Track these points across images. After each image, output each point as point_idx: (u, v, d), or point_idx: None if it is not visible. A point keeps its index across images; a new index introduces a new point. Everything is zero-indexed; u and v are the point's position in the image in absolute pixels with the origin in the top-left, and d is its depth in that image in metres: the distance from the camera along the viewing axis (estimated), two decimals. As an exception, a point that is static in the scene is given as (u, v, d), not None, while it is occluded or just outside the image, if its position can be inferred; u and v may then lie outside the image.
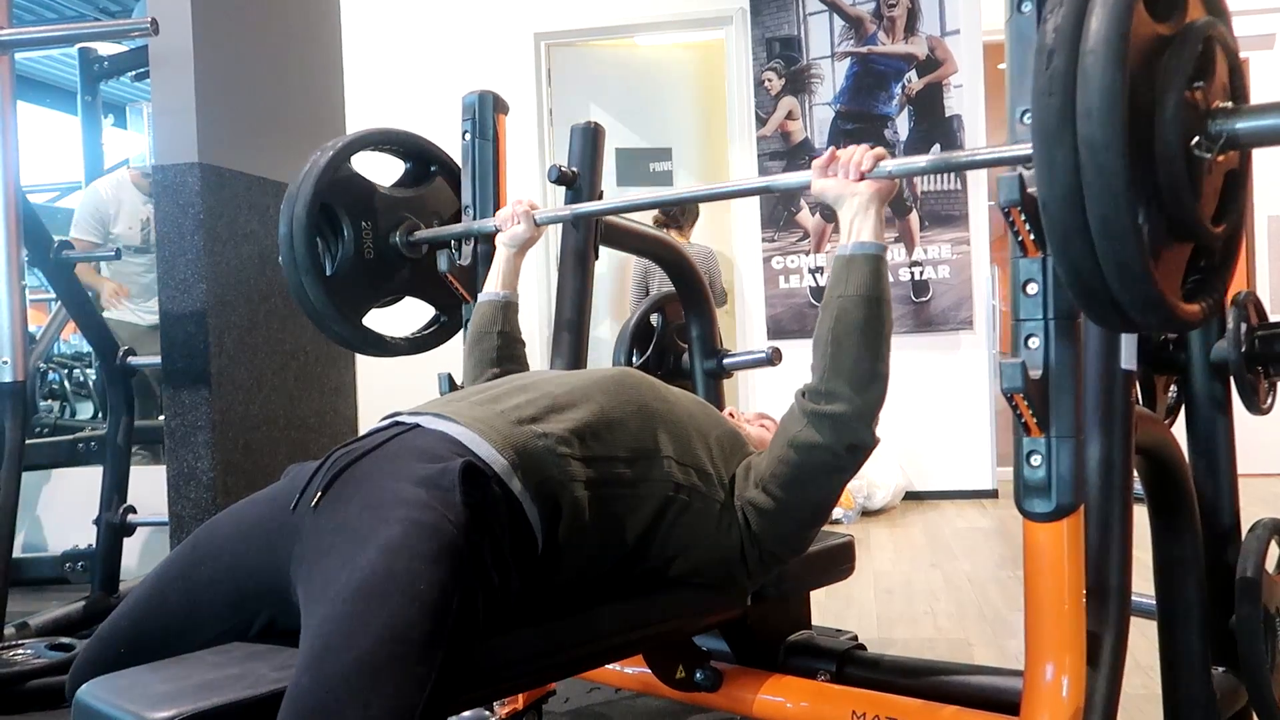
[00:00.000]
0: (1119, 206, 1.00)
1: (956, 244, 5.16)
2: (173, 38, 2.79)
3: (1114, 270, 1.04)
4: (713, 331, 2.61)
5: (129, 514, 3.25)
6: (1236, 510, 1.82)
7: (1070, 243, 1.05)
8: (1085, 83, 1.00)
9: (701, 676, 1.77)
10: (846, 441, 1.46)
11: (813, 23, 5.25)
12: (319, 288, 2.03)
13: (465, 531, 1.22)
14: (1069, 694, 1.34)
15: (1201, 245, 1.17)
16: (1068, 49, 1.01)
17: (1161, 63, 1.06)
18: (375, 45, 5.45)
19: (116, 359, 3.27)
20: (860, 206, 1.51)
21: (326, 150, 2.06)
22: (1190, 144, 1.05)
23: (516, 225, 1.98)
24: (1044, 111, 1.03)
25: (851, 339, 1.45)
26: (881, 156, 1.53)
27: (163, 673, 1.21)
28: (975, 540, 4.28)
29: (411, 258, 2.18)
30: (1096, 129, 0.99)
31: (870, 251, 1.49)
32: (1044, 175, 1.04)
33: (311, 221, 2.00)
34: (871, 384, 1.46)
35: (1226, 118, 1.08)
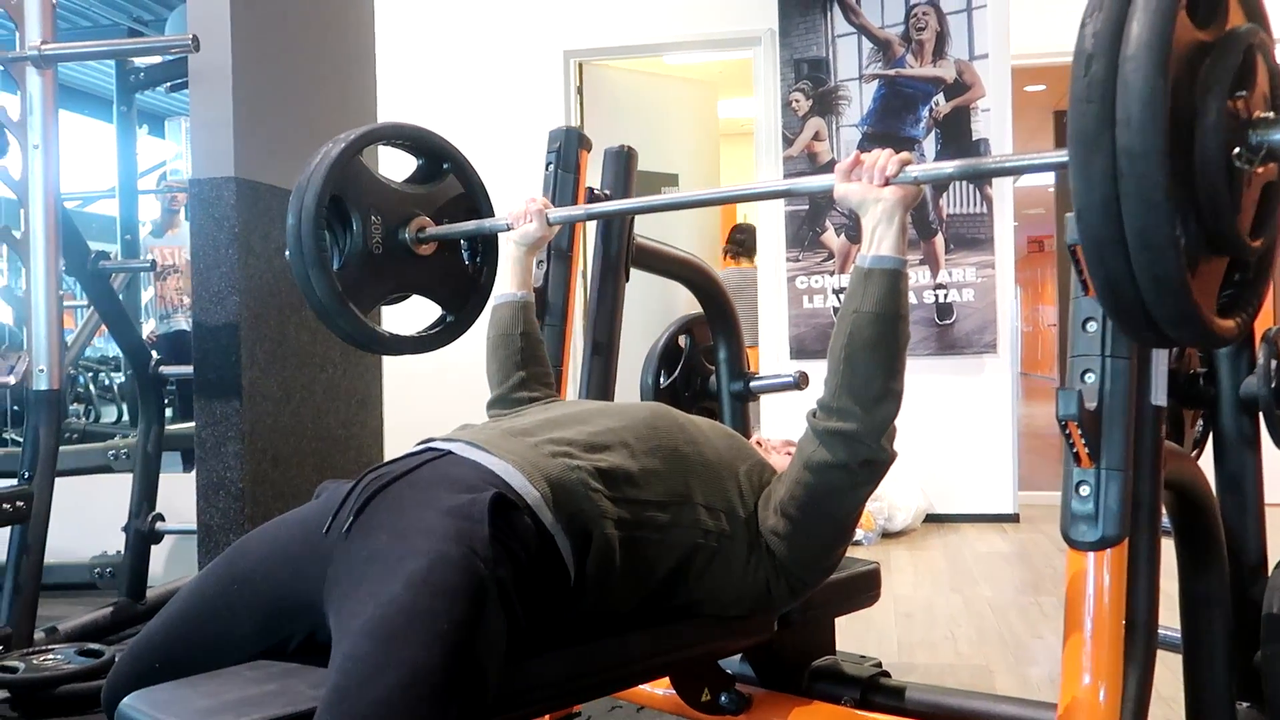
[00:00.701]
0: (1157, 217, 0.98)
1: (981, 267, 5.16)
2: (213, 54, 2.83)
3: (1150, 283, 1.02)
4: (740, 354, 2.63)
5: (158, 521, 3.30)
6: (1264, 546, 1.82)
7: (1106, 253, 1.03)
8: (1125, 89, 0.98)
9: (726, 700, 1.78)
10: (860, 458, 1.44)
11: (841, 44, 5.27)
12: (325, 281, 1.99)
13: (492, 566, 1.23)
14: (1104, 715, 1.35)
15: (1238, 259, 1.15)
16: (1107, 55, 0.99)
17: (1202, 70, 1.04)
18: (408, 61, 5.50)
19: (149, 368, 3.32)
20: (884, 214, 1.46)
21: (338, 142, 2.04)
22: (1231, 154, 1.04)
23: (528, 223, 1.95)
24: (1082, 118, 1.01)
25: (863, 356, 1.43)
26: (907, 161, 1.48)
27: (202, 688, 1.23)
28: (996, 564, 4.27)
29: (421, 255, 2.15)
30: (1136, 137, 0.97)
31: (889, 266, 1.45)
32: (1080, 184, 1.02)
33: (320, 213, 1.97)
34: (883, 401, 1.44)
35: (1268, 128, 1.06)
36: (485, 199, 2.24)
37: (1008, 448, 5.19)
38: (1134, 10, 0.99)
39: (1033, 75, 6.74)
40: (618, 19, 5.54)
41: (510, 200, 2.01)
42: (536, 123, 5.41)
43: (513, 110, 5.56)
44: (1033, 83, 7.27)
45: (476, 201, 2.23)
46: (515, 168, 5.39)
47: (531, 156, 5.10)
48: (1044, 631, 3.23)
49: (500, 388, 1.89)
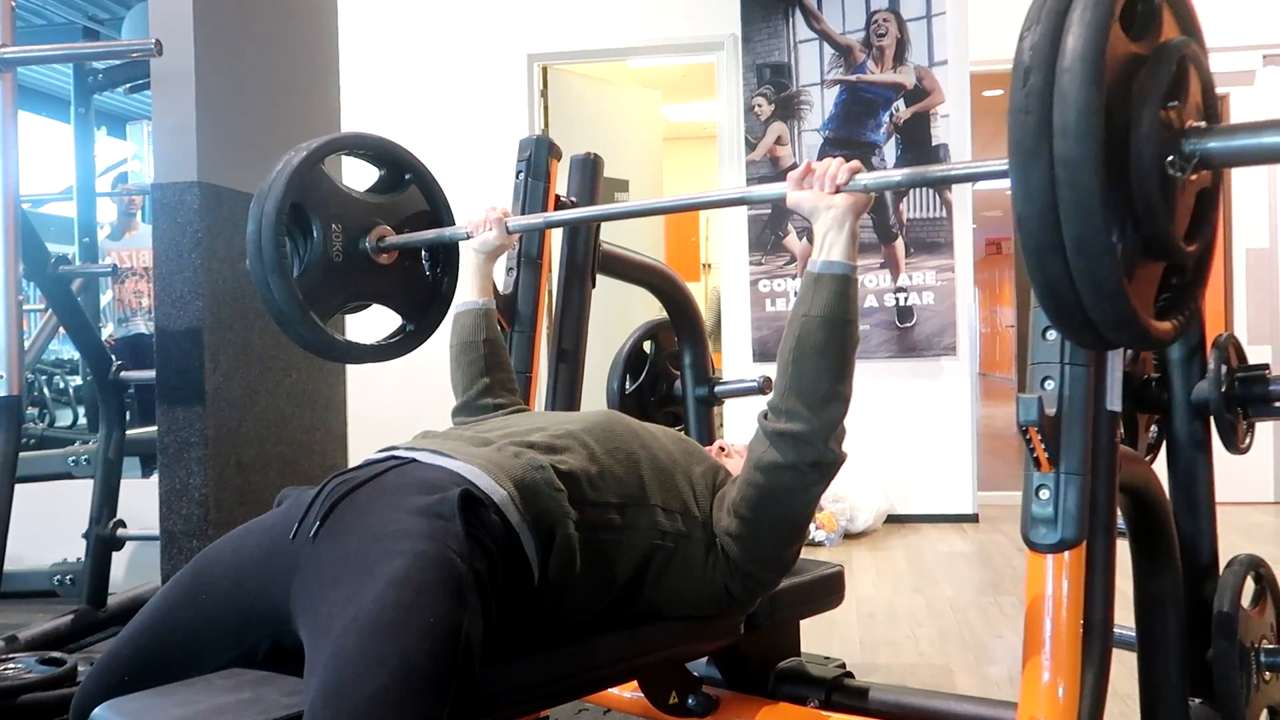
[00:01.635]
0: (1094, 224, 1.01)
1: (941, 270, 5.23)
2: (175, 58, 2.81)
3: (1088, 287, 1.05)
4: (705, 359, 2.66)
5: (119, 528, 3.26)
6: (1215, 546, 1.87)
7: (1045, 260, 1.05)
8: (1061, 100, 1.01)
9: (694, 702, 1.81)
10: (809, 459, 1.47)
11: (803, 50, 5.32)
12: (284, 288, 1.99)
13: (468, 560, 1.25)
14: (1063, 715, 1.38)
15: (1174, 264, 1.18)
16: (1045, 68, 1.02)
17: (1136, 81, 1.06)
18: (373, 66, 5.49)
19: (110, 373, 3.29)
20: (835, 220, 1.50)
21: (300, 150, 2.04)
22: (1165, 162, 1.06)
23: (488, 231, 1.96)
24: (1020, 129, 1.04)
25: (811, 360, 1.46)
26: (857, 170, 1.51)
27: (175, 696, 1.24)
28: (956, 565, 4.33)
29: (381, 264, 2.15)
30: (1072, 146, 1.00)
31: (838, 271, 1.49)
32: (1020, 192, 1.05)
33: (281, 220, 1.97)
34: (830, 403, 1.47)
35: (1200, 137, 1.09)
36: (446, 210, 2.24)
37: (967, 449, 5.26)
38: (1069, 25, 1.02)
39: (991, 81, 6.81)
40: (581, 23, 5.56)
41: (472, 207, 2.02)
42: (500, 127, 5.43)
43: (477, 114, 5.56)
44: (991, 88, 7.35)
45: (438, 212, 2.23)
46: (480, 170, 5.40)
47: (496, 159, 5.12)
48: (1003, 631, 3.28)
49: (465, 395, 1.90)
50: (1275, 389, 1.77)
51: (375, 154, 2.21)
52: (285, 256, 1.99)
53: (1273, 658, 1.80)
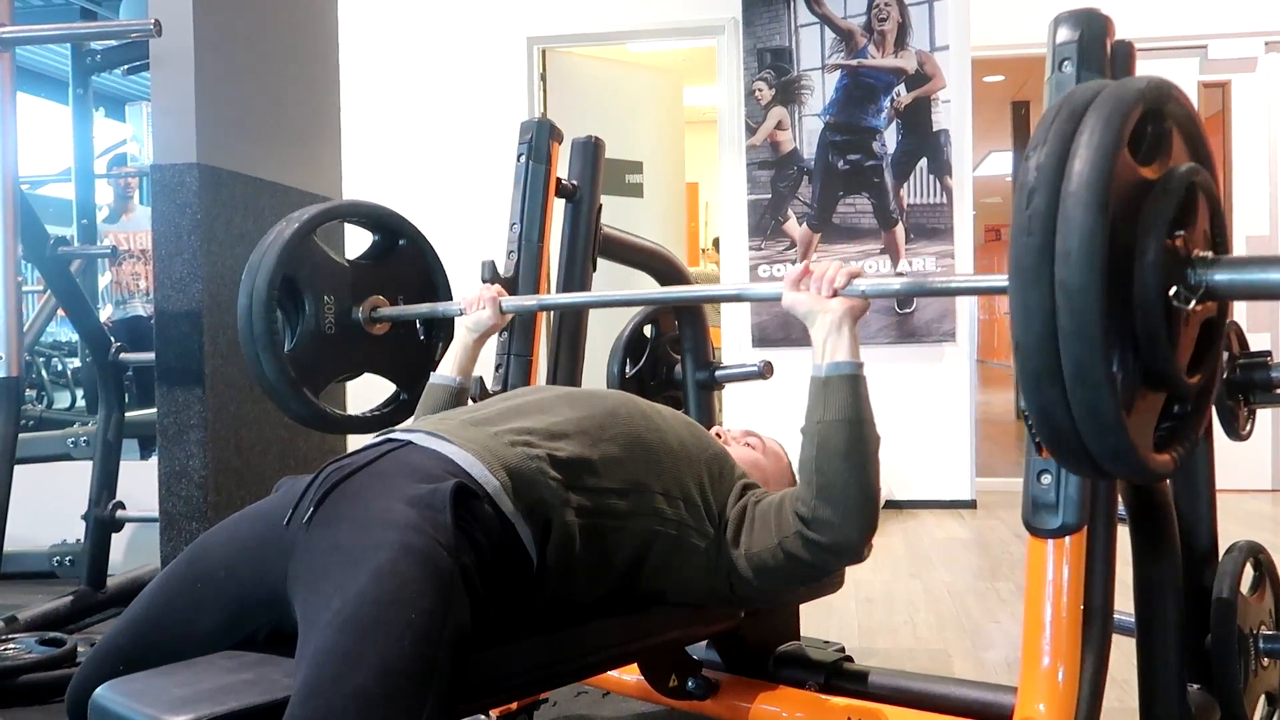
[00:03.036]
0: (1094, 353, 0.98)
1: (941, 256, 5.22)
2: (174, 39, 2.80)
3: (1086, 418, 1.02)
4: (705, 344, 2.66)
5: (118, 509, 3.27)
6: (1214, 533, 1.88)
7: (1042, 386, 1.02)
8: (1065, 225, 0.98)
9: (694, 685, 1.81)
10: (833, 565, 1.51)
11: (804, 34, 5.30)
12: (275, 364, 1.98)
13: (455, 554, 1.24)
14: (1062, 700, 1.39)
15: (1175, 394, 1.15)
16: (1049, 189, 0.99)
17: (1143, 208, 1.04)
18: (370, 48, 5.46)
19: (109, 355, 3.28)
20: (833, 325, 1.49)
21: (291, 222, 2.02)
22: (1169, 293, 1.03)
23: (481, 310, 1.95)
24: (1022, 251, 1.01)
25: (835, 466, 1.44)
26: (855, 274, 1.50)
27: (177, 676, 1.24)
28: (954, 550, 4.33)
29: (374, 334, 2.15)
30: (1074, 272, 0.97)
31: (846, 372, 1.47)
32: (1019, 316, 1.02)
33: (271, 295, 1.96)
34: (862, 511, 1.45)
35: (1207, 268, 1.06)
36: (441, 274, 2.23)
37: (966, 435, 5.27)
38: (1076, 147, 1.00)
39: (992, 66, 6.81)
40: (582, 6, 5.53)
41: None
42: (500, 109, 5.41)
43: (476, 96, 5.54)
44: (992, 73, 7.34)
45: (432, 276, 2.22)
46: (479, 153, 5.39)
47: (494, 142, 5.11)
48: (1001, 616, 3.29)
49: None
50: (1276, 375, 1.77)
51: (369, 220, 2.20)
52: (276, 331, 1.98)
53: (1271, 644, 1.81)
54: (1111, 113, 1.00)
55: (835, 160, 5.28)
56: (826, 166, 5.29)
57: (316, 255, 2.07)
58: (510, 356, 2.15)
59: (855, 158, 5.27)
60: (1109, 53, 1.45)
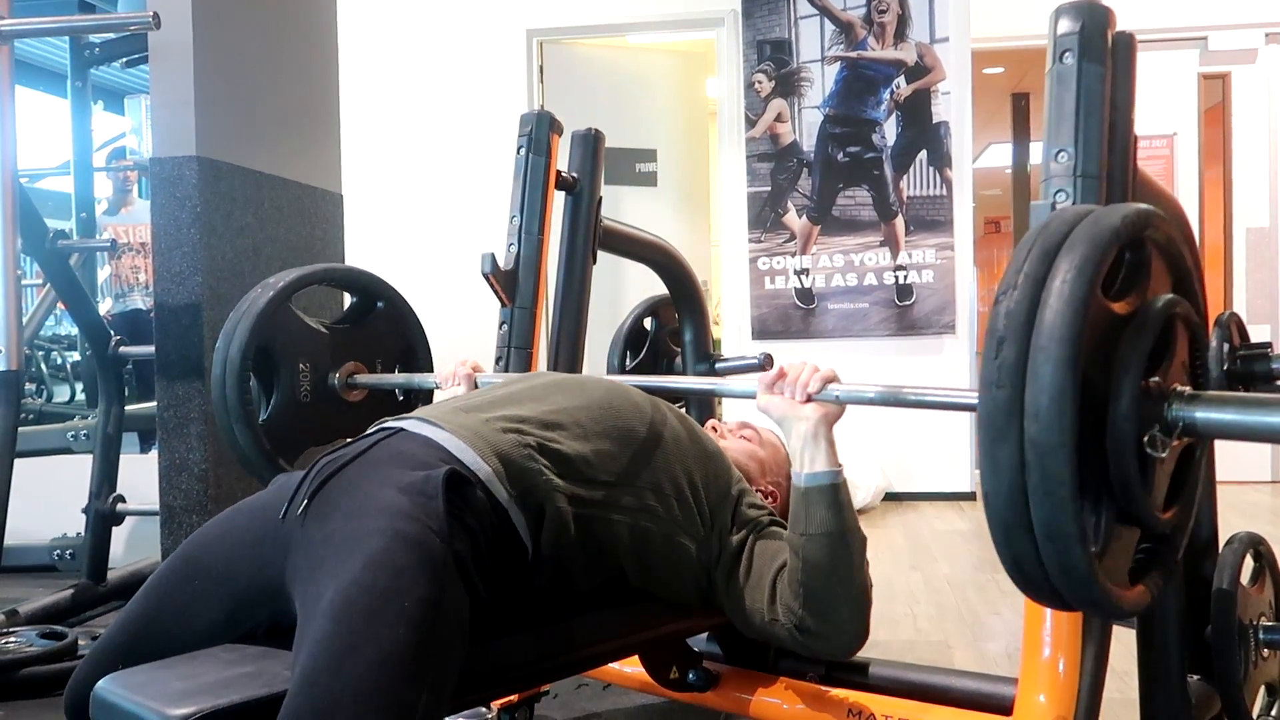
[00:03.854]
0: (1064, 512, 0.95)
1: (940, 249, 5.22)
2: (173, 31, 2.80)
3: (1057, 570, 0.99)
4: (705, 336, 2.66)
5: (118, 503, 3.27)
6: (1215, 524, 1.88)
7: (1013, 539, 1.00)
8: (1035, 380, 0.95)
9: (695, 677, 1.82)
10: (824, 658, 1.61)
11: (804, 26, 5.29)
12: (249, 435, 1.96)
13: (449, 540, 1.24)
14: (1063, 691, 1.39)
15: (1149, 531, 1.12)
16: (1019, 339, 0.96)
17: (1119, 346, 1.00)
18: (369, 41, 5.46)
19: (109, 348, 3.28)
20: (808, 434, 1.47)
21: (267, 289, 1.99)
22: (1144, 441, 1.00)
23: (456, 386, 1.93)
24: (991, 405, 0.98)
25: (821, 581, 1.45)
26: (830, 379, 1.48)
27: (178, 669, 1.24)
28: (954, 542, 4.34)
29: (351, 400, 2.13)
30: (1044, 431, 0.94)
31: (824, 482, 1.46)
32: (988, 469, 1.00)
33: (246, 365, 1.94)
34: (852, 621, 1.47)
35: (1184, 404, 1.02)
36: (420, 336, 2.22)
37: (965, 427, 5.26)
38: (1048, 295, 0.96)
39: (992, 58, 6.78)
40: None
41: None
42: (500, 102, 5.40)
43: (475, 89, 5.54)
44: (992, 65, 7.33)
45: (411, 338, 2.21)
46: (478, 146, 5.38)
47: (494, 135, 5.10)
48: (1001, 608, 3.30)
49: None
50: (1277, 367, 1.77)
51: (345, 284, 2.19)
52: (250, 403, 1.96)
53: (1271, 635, 1.81)
54: (1086, 257, 0.97)
55: (835, 152, 5.28)
56: (826, 159, 5.28)
57: (292, 323, 2.05)
58: (510, 349, 2.15)
59: (855, 150, 5.26)
60: (1109, 44, 1.44)
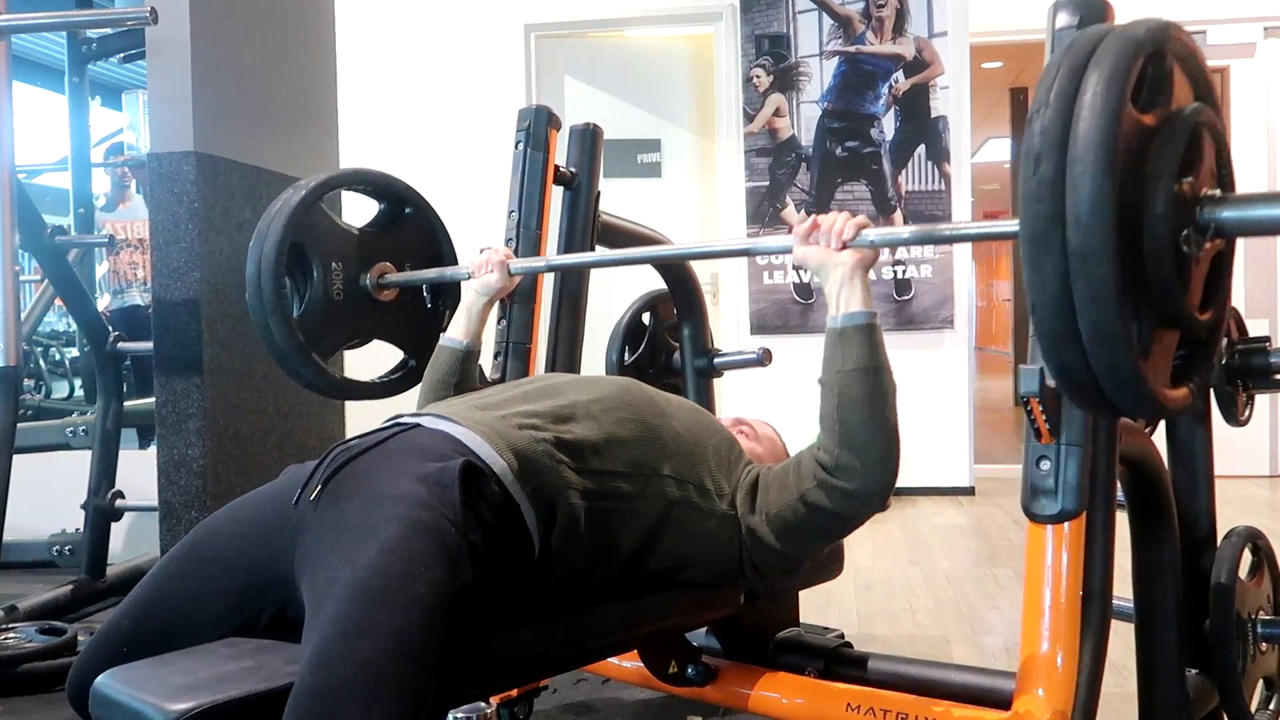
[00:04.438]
0: (1109, 314, 1.00)
1: (939, 244, 5.21)
2: (171, 26, 2.79)
3: (1105, 373, 1.03)
4: (704, 331, 2.65)
5: (117, 499, 3.27)
6: (1213, 518, 1.88)
7: (1061, 348, 1.04)
8: (1074, 191, 0.99)
9: (693, 672, 1.82)
10: (859, 515, 1.49)
11: (802, 21, 5.28)
12: (284, 329, 1.99)
13: (464, 530, 1.25)
14: (1061, 685, 1.40)
15: (1188, 333, 1.16)
16: (1055, 154, 1.00)
17: (1150, 156, 1.04)
18: (367, 36, 5.45)
19: (107, 344, 3.28)
20: (844, 278, 1.50)
21: (299, 189, 2.02)
22: (1179, 241, 1.04)
23: (489, 274, 1.95)
24: (1033, 217, 1.02)
25: (858, 415, 1.45)
26: (864, 226, 1.51)
27: (178, 664, 1.24)
28: (953, 537, 4.34)
29: (382, 300, 2.15)
30: (1085, 238, 0.98)
31: (861, 322, 1.48)
32: (1033, 282, 1.04)
33: (280, 261, 1.96)
34: (886, 458, 1.47)
35: (1214, 206, 1.07)
36: (447, 242, 2.24)
37: (964, 422, 5.27)
38: (1080, 109, 1.00)
39: (990, 52, 6.79)
40: (579, -8, 5.52)
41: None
42: (497, 96, 5.39)
43: (473, 84, 5.53)
44: (990, 59, 7.33)
45: (438, 245, 2.23)
46: (477, 140, 5.38)
47: (492, 130, 5.09)
48: (999, 602, 3.30)
49: None
50: (1275, 361, 1.77)
51: (374, 189, 2.20)
52: (285, 298, 1.99)
53: (1269, 628, 1.82)
54: (1114, 69, 1.00)
55: (833, 147, 5.27)
56: (824, 153, 5.28)
57: (324, 222, 2.07)
58: (509, 344, 2.15)
59: (853, 144, 5.26)
60: (1108, 37, 1.44)
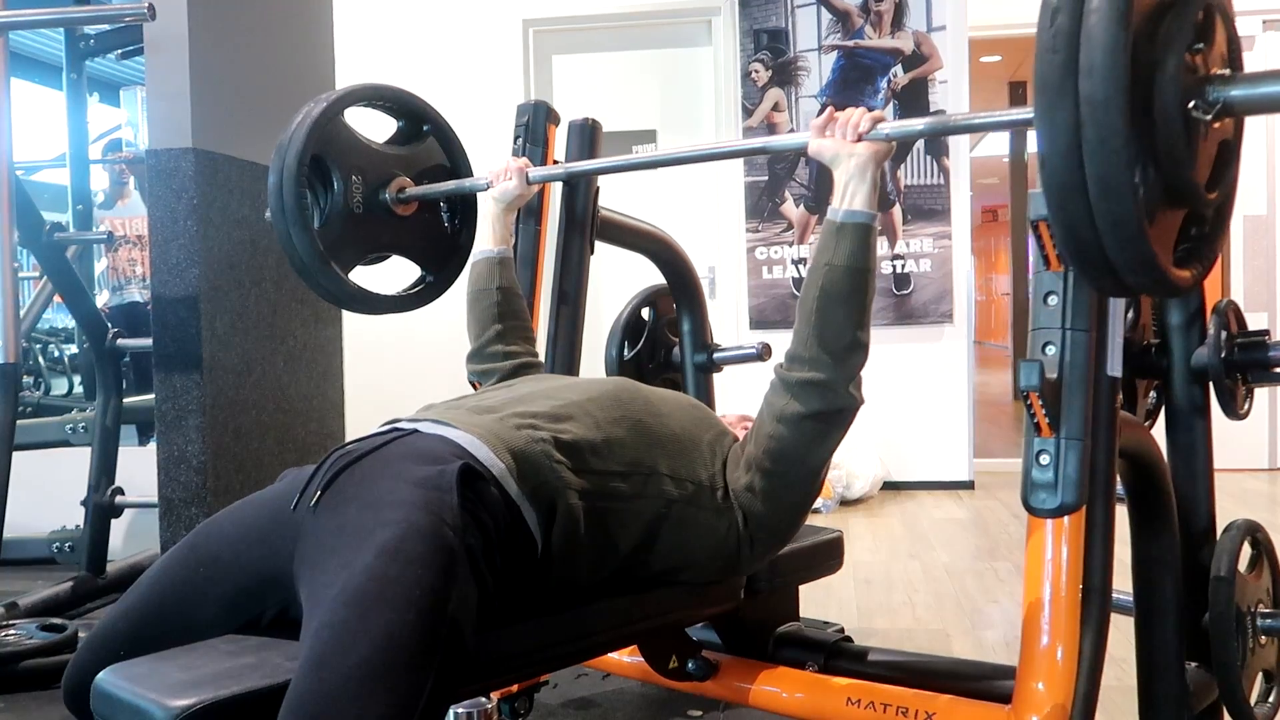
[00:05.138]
0: (1117, 164, 1.01)
1: (938, 238, 5.22)
2: (169, 23, 2.79)
3: (1110, 228, 1.05)
4: (704, 326, 2.65)
5: (117, 495, 3.27)
6: (1213, 512, 1.88)
7: (1068, 200, 1.06)
8: (1088, 40, 1.01)
9: (694, 667, 1.82)
10: (833, 406, 1.50)
11: (800, 15, 5.28)
12: (306, 238, 2.00)
13: (461, 534, 1.25)
14: (1061, 678, 1.40)
15: (1194, 212, 1.19)
16: (1072, 7, 1.02)
17: (1163, 25, 1.06)
18: (365, 31, 5.44)
19: (106, 341, 3.28)
20: (857, 168, 1.53)
21: (320, 101, 2.04)
22: (1189, 106, 1.06)
23: (508, 181, 1.99)
24: (1047, 68, 1.03)
25: (835, 308, 1.49)
26: (879, 119, 1.54)
27: (179, 661, 1.24)
28: (952, 531, 4.35)
29: (401, 215, 2.17)
30: (1098, 86, 1.00)
31: (861, 220, 1.52)
32: (1044, 131, 1.05)
33: (302, 171, 1.98)
34: (853, 351, 1.50)
35: (1224, 84, 1.09)
36: (464, 161, 2.27)
37: (964, 416, 5.27)
38: None
39: (989, 47, 6.79)
40: (577, -13, 5.51)
41: (486, 162, 2.04)
42: (495, 92, 5.38)
43: (471, 79, 5.52)
44: (989, 54, 7.32)
45: (456, 164, 2.26)
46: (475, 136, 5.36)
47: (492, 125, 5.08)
48: (999, 596, 3.30)
49: (477, 341, 1.94)
50: (1275, 354, 1.77)
51: (394, 106, 2.23)
52: (306, 208, 2.01)
53: (1268, 622, 1.81)
54: None
55: (832, 142, 5.26)
56: (823, 148, 5.26)
57: (345, 135, 2.09)
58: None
59: (852, 139, 5.24)
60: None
